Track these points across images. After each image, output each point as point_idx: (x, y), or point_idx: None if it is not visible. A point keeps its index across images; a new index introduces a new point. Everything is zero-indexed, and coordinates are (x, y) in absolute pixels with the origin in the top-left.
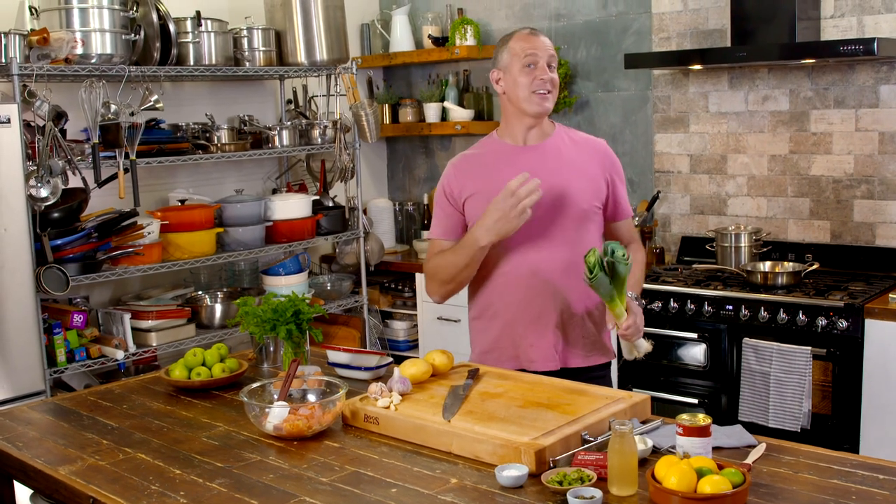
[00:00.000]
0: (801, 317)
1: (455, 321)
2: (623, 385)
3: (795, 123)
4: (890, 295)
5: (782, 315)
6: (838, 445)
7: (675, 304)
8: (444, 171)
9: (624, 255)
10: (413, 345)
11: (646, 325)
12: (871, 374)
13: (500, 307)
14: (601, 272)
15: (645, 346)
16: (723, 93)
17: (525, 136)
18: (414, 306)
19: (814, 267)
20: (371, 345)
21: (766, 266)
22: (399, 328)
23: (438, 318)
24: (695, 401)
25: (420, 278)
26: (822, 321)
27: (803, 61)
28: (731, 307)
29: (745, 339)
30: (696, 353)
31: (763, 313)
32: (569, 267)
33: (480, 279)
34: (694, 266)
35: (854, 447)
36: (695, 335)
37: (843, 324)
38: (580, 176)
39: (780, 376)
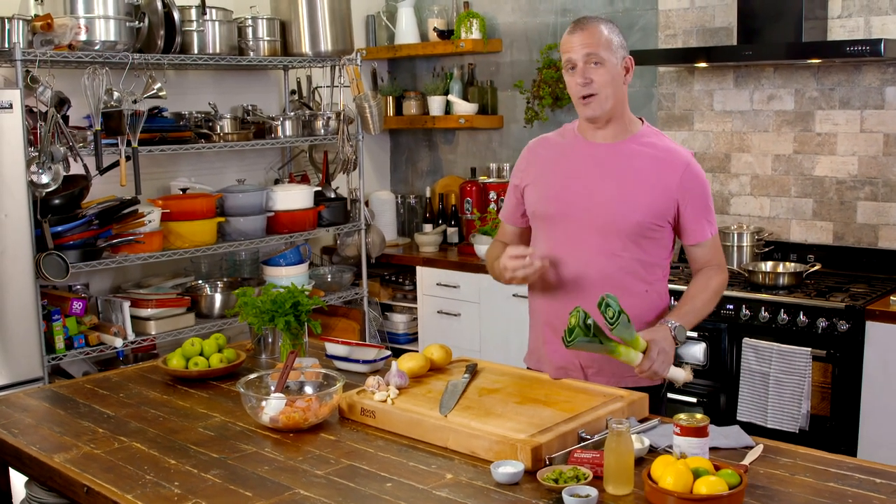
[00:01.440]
0: (802, 318)
1: (455, 315)
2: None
3: (800, 123)
4: (891, 297)
5: (783, 315)
6: (836, 447)
7: (675, 302)
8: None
9: (614, 315)
10: (413, 338)
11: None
12: (870, 377)
13: (537, 307)
14: (582, 334)
15: (681, 375)
16: (728, 91)
17: (594, 134)
18: (414, 299)
19: (815, 268)
20: (370, 337)
21: (767, 266)
22: (399, 321)
23: (438, 312)
24: (693, 400)
25: (420, 271)
26: (822, 322)
27: (809, 61)
28: (731, 307)
29: (746, 339)
30: (695, 352)
31: (764, 313)
32: (607, 279)
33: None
34: None
35: (852, 449)
36: (695, 334)
37: (843, 325)
38: (645, 188)
39: (780, 377)
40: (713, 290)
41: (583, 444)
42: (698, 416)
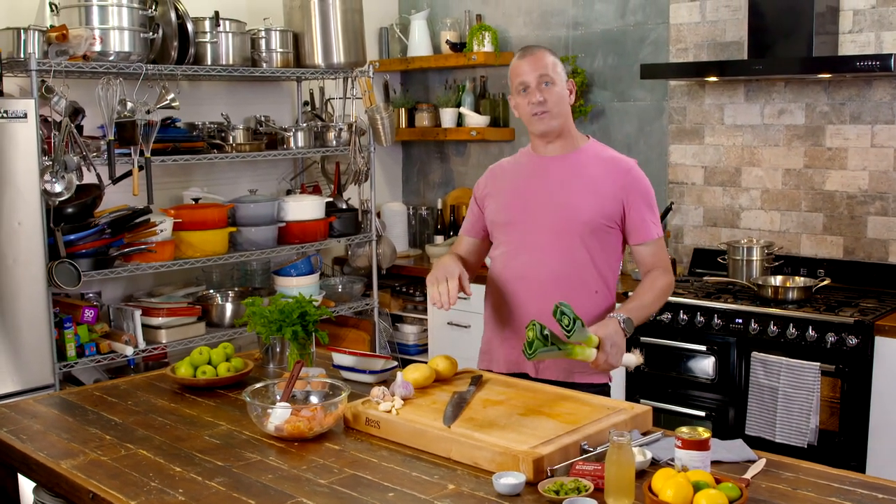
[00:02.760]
0: (811, 332)
1: (465, 327)
2: (630, 396)
3: (811, 138)
4: None
5: (792, 330)
6: (845, 462)
7: (685, 316)
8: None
9: (570, 323)
10: (423, 349)
11: (656, 336)
12: (879, 392)
13: (492, 307)
14: (542, 345)
15: (632, 360)
16: (738, 105)
17: (545, 149)
18: (424, 311)
19: (825, 282)
20: (380, 348)
21: (777, 280)
22: (409, 332)
23: (448, 324)
24: (702, 413)
25: None
26: (831, 337)
27: (820, 76)
28: (740, 320)
29: (754, 353)
30: (704, 366)
31: (773, 328)
32: (559, 278)
33: (488, 281)
34: (705, 278)
35: (861, 465)
36: (704, 348)
37: (852, 340)
38: (591, 191)
39: (789, 391)
40: (659, 289)
41: (585, 456)
42: (700, 429)
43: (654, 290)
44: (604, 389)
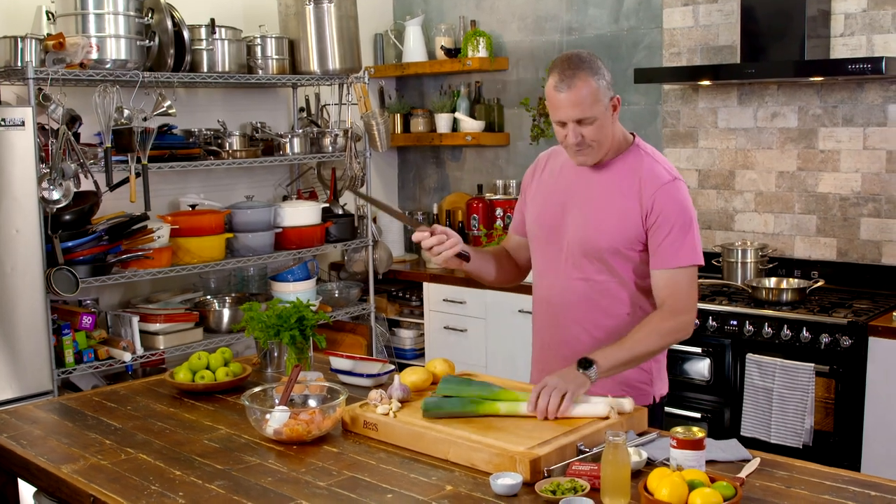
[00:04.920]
0: (805, 333)
1: (461, 331)
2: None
3: (803, 140)
4: (894, 313)
5: (786, 331)
6: (839, 462)
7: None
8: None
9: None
10: (419, 353)
11: None
12: (873, 392)
13: (532, 323)
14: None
15: (599, 410)
16: (732, 109)
17: None
18: (421, 315)
19: (819, 284)
20: (377, 352)
21: (771, 282)
22: (406, 336)
23: (445, 328)
24: (698, 415)
25: (427, 287)
26: (825, 338)
27: (812, 79)
28: (735, 322)
29: (749, 355)
30: (700, 368)
31: (767, 329)
32: (582, 301)
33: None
34: (700, 281)
35: (855, 465)
36: (699, 350)
37: (846, 341)
38: (618, 212)
39: (783, 392)
40: (658, 333)
41: (581, 456)
42: (695, 429)
43: (646, 329)
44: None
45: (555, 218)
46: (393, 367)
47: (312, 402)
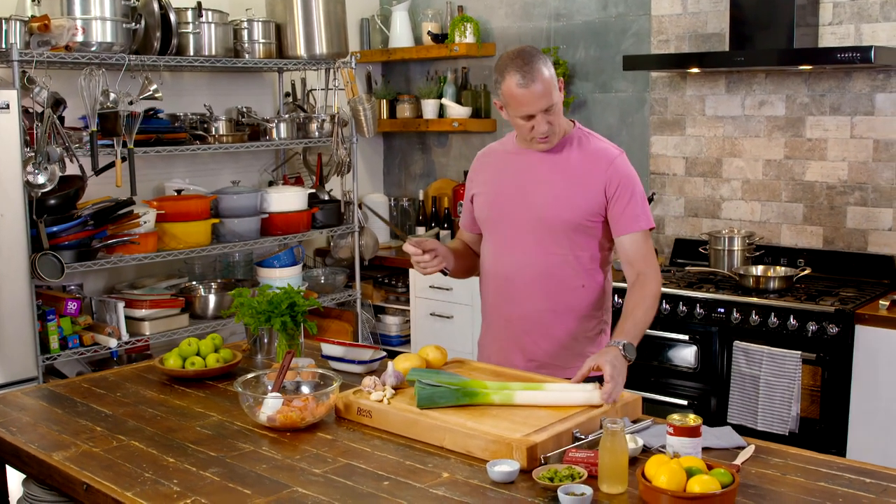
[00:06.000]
0: (792, 321)
1: (448, 317)
2: None
3: (791, 129)
4: (880, 301)
5: (773, 319)
6: (825, 449)
7: (668, 306)
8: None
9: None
10: (405, 340)
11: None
12: (859, 380)
13: (484, 305)
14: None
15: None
16: (720, 97)
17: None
18: (407, 302)
19: (806, 272)
20: (363, 339)
21: (758, 270)
22: (391, 323)
23: (431, 314)
24: (684, 402)
25: (413, 274)
26: (812, 326)
27: (800, 67)
28: (722, 310)
29: (736, 342)
30: (686, 355)
31: (754, 317)
32: (542, 278)
33: (481, 276)
34: (687, 268)
35: (841, 451)
36: (686, 337)
37: (833, 329)
38: (573, 189)
39: (770, 380)
40: (650, 300)
41: (577, 443)
42: (691, 416)
43: (644, 302)
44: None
45: (512, 200)
46: (384, 353)
47: (305, 389)
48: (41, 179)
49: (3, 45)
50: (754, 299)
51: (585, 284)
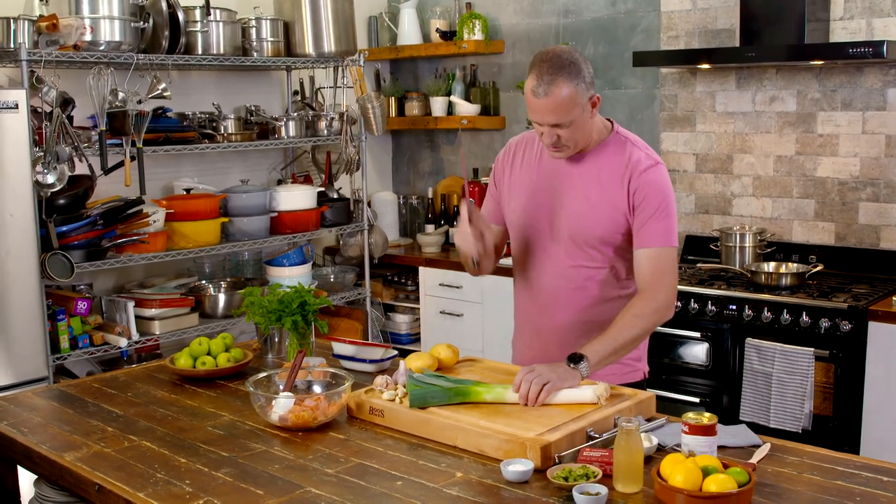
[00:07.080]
0: (805, 318)
1: (458, 315)
2: None
3: (802, 125)
4: (893, 298)
5: (785, 316)
6: (839, 447)
7: (679, 303)
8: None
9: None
10: (415, 338)
11: None
12: (872, 377)
13: (517, 309)
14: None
15: (587, 395)
16: (730, 92)
17: None
18: (416, 300)
19: (818, 268)
20: (373, 338)
21: (770, 267)
22: (401, 321)
23: (441, 313)
24: (696, 400)
25: (423, 272)
26: (825, 323)
27: (811, 63)
28: (734, 307)
29: (748, 339)
30: (698, 353)
31: (766, 314)
32: (573, 288)
33: (514, 276)
34: (698, 265)
35: (854, 449)
36: (698, 334)
37: (846, 326)
38: (602, 201)
39: (782, 377)
40: (631, 317)
41: (591, 442)
42: (706, 414)
43: (622, 318)
44: (640, 385)
45: (545, 209)
46: (396, 352)
47: (317, 388)
48: (50, 179)
49: (12, 45)
50: (766, 296)
51: (622, 294)
